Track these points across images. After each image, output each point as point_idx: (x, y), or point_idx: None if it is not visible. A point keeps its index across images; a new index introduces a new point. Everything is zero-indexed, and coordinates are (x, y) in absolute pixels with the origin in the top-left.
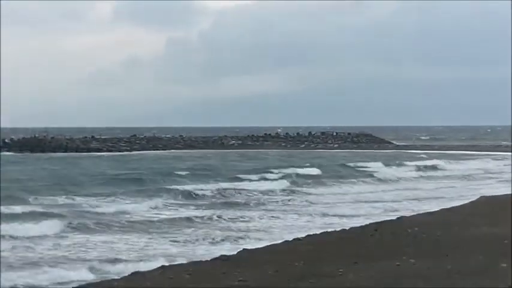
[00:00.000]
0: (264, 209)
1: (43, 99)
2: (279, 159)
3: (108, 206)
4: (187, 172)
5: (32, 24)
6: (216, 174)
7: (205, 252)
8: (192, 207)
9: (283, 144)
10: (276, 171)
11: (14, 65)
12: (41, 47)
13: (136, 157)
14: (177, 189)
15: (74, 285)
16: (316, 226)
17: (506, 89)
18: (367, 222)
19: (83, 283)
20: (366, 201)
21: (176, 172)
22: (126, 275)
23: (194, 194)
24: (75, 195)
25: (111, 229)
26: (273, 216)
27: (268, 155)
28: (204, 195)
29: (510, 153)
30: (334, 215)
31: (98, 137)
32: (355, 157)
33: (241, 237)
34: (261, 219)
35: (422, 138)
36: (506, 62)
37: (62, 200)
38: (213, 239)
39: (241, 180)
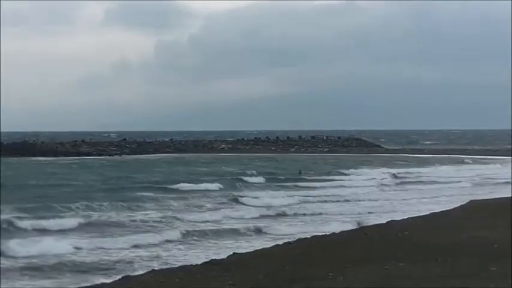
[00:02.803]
0: None
1: (33, 102)
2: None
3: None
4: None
5: (22, 26)
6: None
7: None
8: None
9: (273, 148)
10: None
11: (3, 67)
12: (31, 49)
13: (144, 161)
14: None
15: None
16: None
17: (506, 92)
18: None
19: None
20: None
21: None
22: (117, 279)
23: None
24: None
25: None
26: None
27: (295, 159)
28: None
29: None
30: None
31: (88, 141)
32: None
33: None
34: None
35: (426, 143)
36: (506, 63)
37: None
38: None
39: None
